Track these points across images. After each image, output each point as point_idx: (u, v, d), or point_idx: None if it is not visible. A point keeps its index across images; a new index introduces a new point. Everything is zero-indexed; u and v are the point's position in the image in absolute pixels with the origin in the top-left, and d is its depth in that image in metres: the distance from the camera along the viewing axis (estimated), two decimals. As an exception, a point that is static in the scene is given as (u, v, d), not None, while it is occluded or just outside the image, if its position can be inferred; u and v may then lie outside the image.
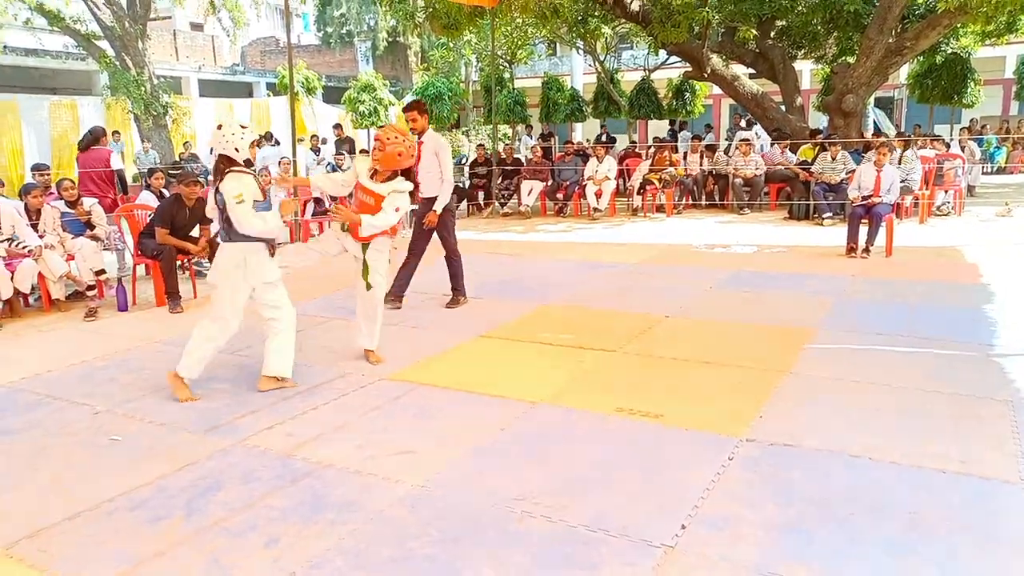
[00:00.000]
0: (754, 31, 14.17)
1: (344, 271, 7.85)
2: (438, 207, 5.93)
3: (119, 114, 16.53)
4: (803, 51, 14.59)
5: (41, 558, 2.63)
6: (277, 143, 15.13)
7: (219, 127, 4.14)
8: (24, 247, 6.21)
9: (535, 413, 3.81)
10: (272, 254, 4.22)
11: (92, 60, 16.17)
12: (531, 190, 12.36)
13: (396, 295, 6.05)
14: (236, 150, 4.06)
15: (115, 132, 15.19)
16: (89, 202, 7.06)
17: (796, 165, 11.42)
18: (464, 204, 13.04)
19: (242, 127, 4.14)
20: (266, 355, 4.26)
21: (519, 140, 19.89)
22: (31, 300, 6.64)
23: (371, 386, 4.28)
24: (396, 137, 4.35)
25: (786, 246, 8.64)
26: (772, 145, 12.57)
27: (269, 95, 23.06)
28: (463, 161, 16.16)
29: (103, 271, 6.67)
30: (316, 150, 14.63)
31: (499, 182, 12.91)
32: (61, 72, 19.56)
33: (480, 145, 14.42)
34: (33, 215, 6.65)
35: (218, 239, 4.30)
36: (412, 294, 6.68)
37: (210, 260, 6.19)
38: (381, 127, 4.59)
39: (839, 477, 3.03)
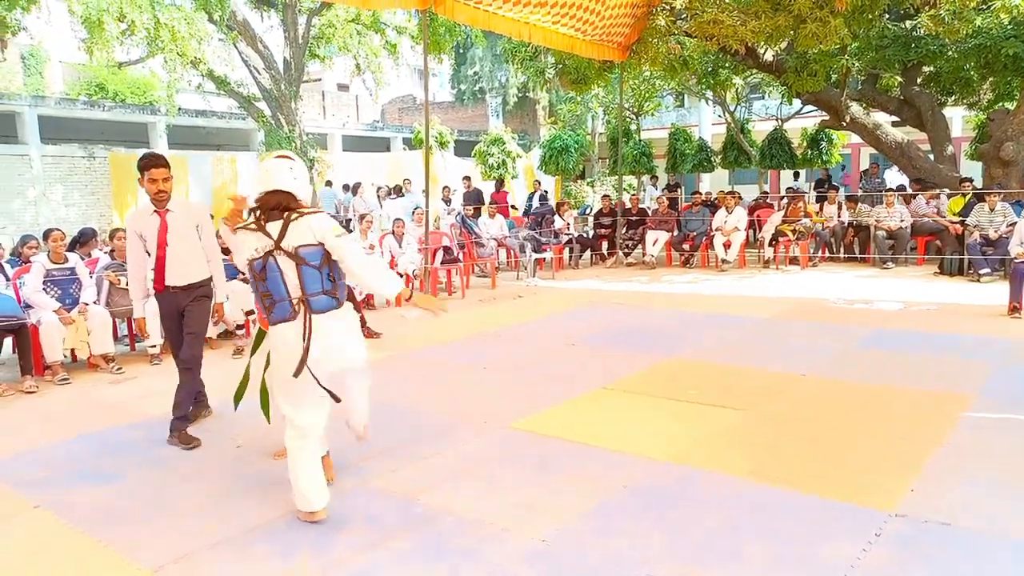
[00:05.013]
0: (898, 78, 13.49)
1: (478, 316, 8.05)
2: (220, 294, 4.70)
3: (272, 168, 18.04)
4: (954, 97, 13.68)
5: (184, 582, 2.79)
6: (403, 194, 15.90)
7: (290, 158, 3.18)
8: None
9: (659, 471, 3.68)
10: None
11: (251, 119, 17.83)
12: (656, 240, 12.22)
13: (181, 428, 4.37)
14: (299, 192, 3.17)
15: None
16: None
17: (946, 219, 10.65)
18: (588, 253, 13.11)
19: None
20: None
21: (643, 190, 19.80)
22: (188, 337, 7.24)
23: (493, 435, 4.30)
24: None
25: (936, 304, 7.99)
26: (916, 195, 11.81)
27: (405, 149, 24.34)
28: (587, 211, 16.25)
29: (252, 311, 7.18)
30: (447, 200, 15.20)
31: (624, 232, 12.87)
32: (224, 130, 21.61)
33: (606, 195, 14.45)
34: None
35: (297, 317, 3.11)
36: (541, 342, 6.70)
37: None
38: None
39: (1005, 563, 2.70)
